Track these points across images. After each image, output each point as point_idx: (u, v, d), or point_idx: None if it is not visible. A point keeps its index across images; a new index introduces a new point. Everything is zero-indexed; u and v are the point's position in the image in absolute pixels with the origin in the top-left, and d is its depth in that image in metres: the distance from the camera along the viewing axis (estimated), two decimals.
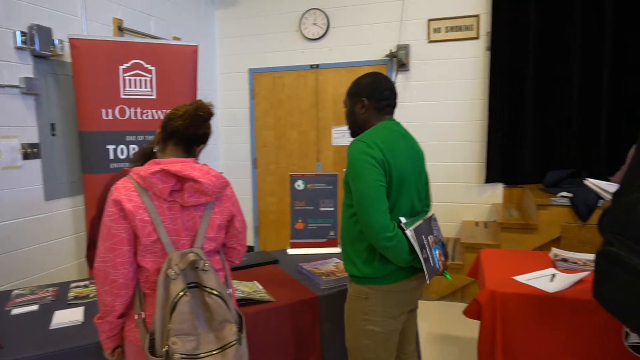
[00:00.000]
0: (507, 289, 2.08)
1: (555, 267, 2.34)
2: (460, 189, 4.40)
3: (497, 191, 4.30)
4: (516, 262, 2.45)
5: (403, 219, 1.61)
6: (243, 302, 1.85)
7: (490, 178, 4.22)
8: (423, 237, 1.62)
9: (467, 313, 2.15)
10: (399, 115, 4.46)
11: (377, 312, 1.64)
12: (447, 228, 4.43)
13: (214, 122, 5.06)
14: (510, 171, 4.17)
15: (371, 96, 1.72)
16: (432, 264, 1.64)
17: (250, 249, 5.11)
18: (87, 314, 1.80)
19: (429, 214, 1.78)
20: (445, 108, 4.39)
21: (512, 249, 2.97)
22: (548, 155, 4.06)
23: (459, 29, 4.30)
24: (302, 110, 4.88)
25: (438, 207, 4.44)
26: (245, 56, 5.06)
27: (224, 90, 5.20)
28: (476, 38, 4.25)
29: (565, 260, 2.38)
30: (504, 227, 3.60)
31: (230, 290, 1.51)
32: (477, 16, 4.22)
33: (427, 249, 1.62)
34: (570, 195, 3.41)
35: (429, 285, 3.77)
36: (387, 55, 4.45)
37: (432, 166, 4.43)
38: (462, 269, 3.66)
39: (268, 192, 5.10)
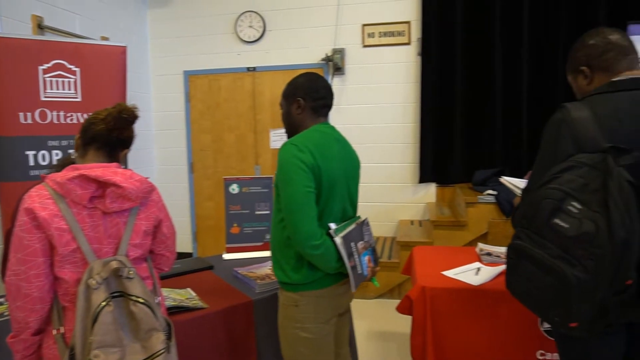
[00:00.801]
0: (437, 284, 2.17)
1: (480, 261, 2.47)
2: (396, 189, 4.55)
3: (430, 191, 4.48)
4: (446, 258, 2.56)
5: (333, 225, 1.59)
6: (174, 310, 1.79)
7: (423, 178, 4.40)
8: (352, 244, 1.61)
9: (400, 309, 2.22)
10: (335, 117, 4.59)
11: (308, 318, 1.62)
12: (384, 227, 4.55)
13: (148, 126, 4.91)
14: (442, 171, 4.37)
15: (307, 95, 1.69)
16: (359, 272, 1.64)
17: (189, 255, 4.97)
18: (1, 334, 1.67)
19: (362, 219, 1.78)
20: (380, 111, 4.52)
21: (443, 246, 3.11)
22: (476, 155, 4.29)
23: (391, 34, 4.45)
24: (240, 113, 4.83)
25: (375, 207, 4.57)
26: (180, 58, 4.92)
27: (158, 93, 5.03)
28: (408, 44, 4.41)
29: (489, 254, 2.52)
30: (436, 225, 3.76)
31: (159, 299, 1.46)
32: (408, 22, 4.39)
33: (356, 256, 1.62)
34: (495, 193, 3.63)
35: (366, 284, 3.88)
36: (323, 59, 4.51)
37: (369, 167, 4.54)
38: (398, 267, 3.78)
39: (206, 196, 4.99)
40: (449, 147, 4.32)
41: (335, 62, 4.46)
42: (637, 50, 1.47)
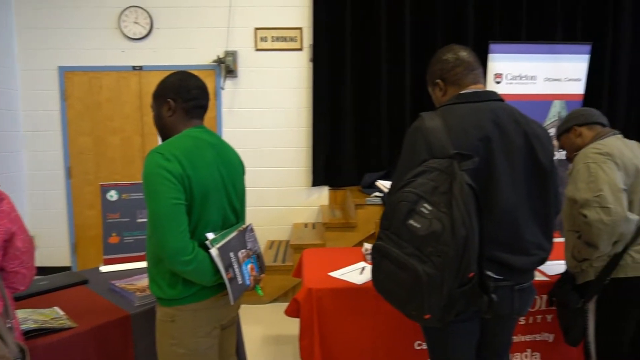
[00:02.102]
0: (323, 285, 2.23)
1: (365, 260, 2.60)
2: (290, 193, 4.60)
3: (323, 193, 4.61)
4: (334, 259, 2.64)
5: (211, 235, 1.52)
6: (35, 333, 1.61)
7: (316, 181, 4.51)
8: (231, 254, 1.55)
9: (288, 312, 2.24)
10: (228, 121, 4.51)
11: (185, 333, 1.55)
12: (279, 231, 4.58)
13: (15, 126, 4.37)
14: (334, 174, 4.52)
15: (178, 96, 1.59)
16: (239, 282, 1.58)
17: (67, 269, 4.51)
18: None
19: (245, 225, 1.72)
20: (274, 115, 4.54)
21: (332, 247, 3.21)
22: (365, 159, 4.51)
23: (284, 39, 4.49)
24: (125, 114, 4.52)
25: (270, 211, 4.58)
26: (54, 52, 4.47)
27: (27, 90, 4.50)
28: (300, 49, 4.50)
29: None
30: (328, 227, 3.88)
31: (12, 322, 1.30)
32: (300, 29, 4.47)
33: (236, 267, 1.57)
34: (381, 194, 3.84)
35: (261, 288, 3.86)
36: (214, 61, 4.41)
37: (263, 171, 4.54)
38: (292, 270, 3.81)
39: (87, 204, 4.58)
40: (340, 151, 4.49)
41: (227, 65, 4.38)
42: (481, 66, 1.66)
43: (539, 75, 3.46)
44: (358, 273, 2.38)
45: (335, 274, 2.37)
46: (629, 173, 1.86)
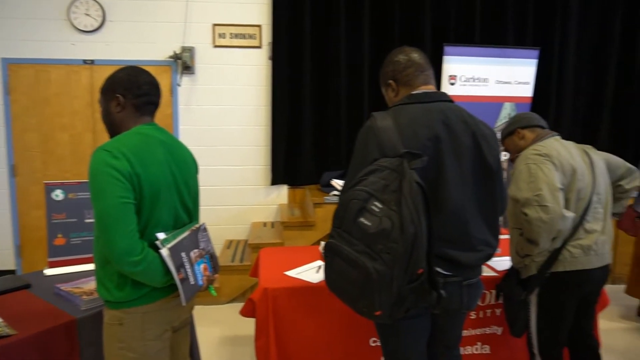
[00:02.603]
0: (279, 285, 2.22)
1: (322, 259, 2.60)
2: (249, 192, 4.55)
3: (282, 192, 4.59)
4: (291, 258, 2.64)
5: (162, 235, 1.48)
6: None
7: (275, 180, 4.48)
8: (183, 254, 1.52)
9: (243, 312, 2.22)
10: (185, 118, 4.41)
11: (134, 336, 1.50)
12: (237, 230, 4.53)
13: None
14: (293, 173, 4.50)
15: (127, 91, 1.54)
16: (192, 283, 1.55)
17: (11, 273, 4.28)
18: None
19: (198, 225, 1.68)
20: (232, 113, 4.48)
21: (289, 246, 3.20)
22: (324, 158, 4.52)
23: (243, 36, 4.44)
24: (75, 110, 4.33)
25: (229, 210, 4.52)
26: None
27: None
28: (259, 47, 4.45)
29: None
30: (287, 226, 3.86)
31: None
32: (259, 26, 4.43)
33: (187, 267, 1.53)
34: (339, 193, 3.86)
35: (218, 288, 3.81)
36: (171, 57, 4.30)
37: (222, 170, 4.47)
38: (250, 270, 3.78)
39: (33, 204, 4.35)
40: (299, 150, 4.48)
41: (184, 61, 4.28)
42: (432, 67, 1.70)
43: (491, 77, 3.59)
44: (314, 272, 2.39)
45: (292, 273, 2.37)
46: (566, 173, 1.96)
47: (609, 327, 3.45)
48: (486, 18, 4.52)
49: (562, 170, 1.96)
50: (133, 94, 1.54)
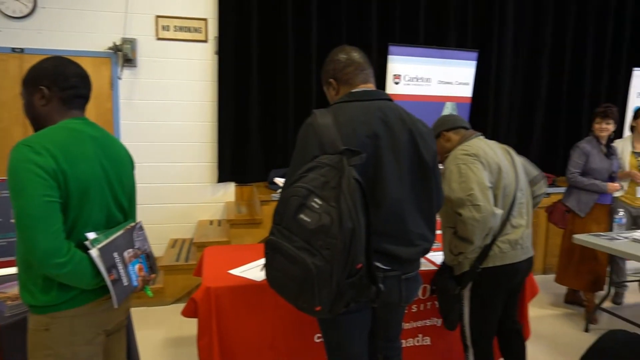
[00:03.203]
0: (222, 284, 2.18)
1: None
2: (195, 189, 4.44)
3: (229, 190, 4.51)
4: (236, 256, 2.60)
5: (92, 235, 1.40)
6: None
7: (222, 177, 4.40)
8: (115, 254, 1.45)
9: (185, 312, 2.16)
10: (126, 113, 4.24)
11: (62, 342, 1.41)
12: (183, 229, 4.41)
13: None
14: (241, 170, 4.44)
15: (54, 84, 1.43)
16: (125, 284, 1.48)
17: None
18: None
19: (133, 224, 1.61)
20: (177, 108, 4.35)
21: (235, 244, 3.16)
22: (272, 155, 4.49)
23: (188, 29, 4.31)
24: (2, 101, 4.04)
25: (174, 208, 4.39)
26: None
27: None
28: (205, 41, 4.35)
29: None
30: (233, 224, 3.81)
31: None
32: (205, 20, 4.32)
33: (120, 267, 1.46)
34: None
35: (162, 289, 3.69)
36: (110, 48, 4.11)
37: (165, 167, 4.34)
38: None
39: None
40: (247, 147, 4.42)
41: (125, 53, 4.10)
42: (371, 67, 1.73)
43: (433, 77, 3.71)
44: (259, 270, 2.37)
45: (236, 271, 2.34)
46: (493, 171, 2.06)
47: (540, 314, 3.68)
48: (429, 20, 4.66)
49: (490, 169, 2.06)
50: (59, 86, 1.45)
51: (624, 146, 3.70)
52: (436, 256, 2.47)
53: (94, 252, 1.36)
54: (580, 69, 5.20)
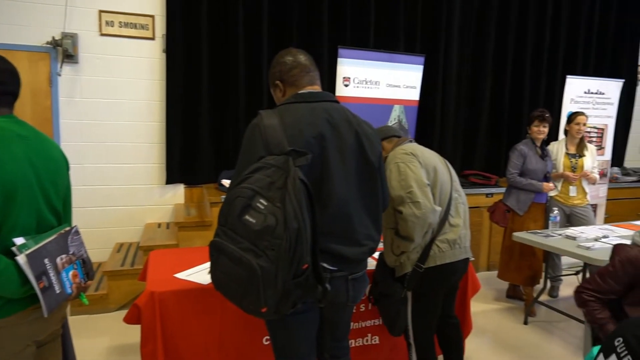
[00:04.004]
0: (167, 288, 2.12)
1: None
2: (141, 191, 4.29)
3: (178, 192, 4.40)
4: (184, 259, 2.53)
5: (20, 240, 1.32)
6: None
7: (170, 179, 4.28)
8: (47, 260, 1.37)
9: (127, 319, 2.08)
10: (66, 112, 4.04)
11: None
12: (129, 232, 4.25)
13: None
14: (190, 172, 4.34)
15: None
16: (57, 291, 1.40)
17: None
18: None
19: (68, 228, 1.54)
20: (123, 107, 4.19)
21: (183, 247, 3.08)
22: (223, 156, 4.42)
23: (133, 26, 4.17)
24: None
25: (120, 211, 4.23)
26: None
27: None
28: (152, 38, 4.22)
29: None
30: (182, 226, 3.71)
31: None
32: (152, 16, 4.19)
33: (52, 274, 1.39)
34: None
35: (106, 295, 3.54)
36: (49, 43, 3.90)
37: (111, 168, 4.17)
38: None
39: None
40: (196, 148, 4.32)
41: (65, 48, 3.90)
42: (317, 69, 1.75)
43: (382, 81, 3.79)
44: (206, 273, 2.31)
45: (182, 275, 2.28)
46: (429, 170, 2.15)
47: (484, 309, 3.84)
48: (380, 26, 4.76)
49: (426, 168, 2.14)
50: None
51: (558, 148, 3.94)
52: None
53: (21, 259, 1.28)
54: (521, 75, 5.49)
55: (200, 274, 2.30)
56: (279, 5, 4.42)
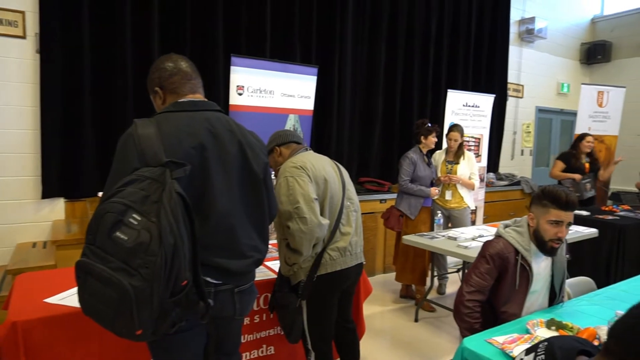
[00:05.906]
0: (33, 315, 1.89)
1: None
2: (12, 208, 3.81)
3: (58, 207, 3.98)
4: (57, 282, 2.29)
5: None
6: None
7: (47, 193, 3.86)
8: None
9: None
10: None
11: None
12: None
13: None
14: (71, 184, 3.95)
15: None
16: None
17: None
18: None
19: None
20: None
21: (57, 269, 2.79)
22: (108, 166, 4.00)
23: (0, 22, 3.72)
24: None
25: None
26: None
27: None
28: (23, 37, 3.79)
29: None
30: (60, 244, 3.37)
31: None
32: (22, 12, 3.77)
33: None
34: None
35: None
36: None
37: None
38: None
39: None
40: (78, 158, 3.94)
41: None
42: (199, 77, 1.70)
43: (277, 90, 3.80)
44: None
45: (53, 299, 2.05)
46: (319, 182, 2.19)
47: (379, 310, 4.01)
48: (276, 36, 4.79)
49: (316, 181, 2.17)
50: None
51: (440, 156, 4.30)
52: (277, 264, 2.51)
53: None
54: (410, 88, 5.90)
55: (74, 297, 2.08)
56: (171, 7, 4.24)
